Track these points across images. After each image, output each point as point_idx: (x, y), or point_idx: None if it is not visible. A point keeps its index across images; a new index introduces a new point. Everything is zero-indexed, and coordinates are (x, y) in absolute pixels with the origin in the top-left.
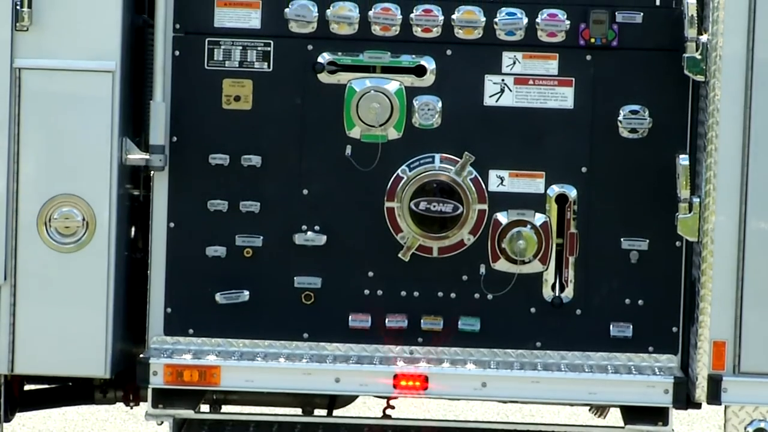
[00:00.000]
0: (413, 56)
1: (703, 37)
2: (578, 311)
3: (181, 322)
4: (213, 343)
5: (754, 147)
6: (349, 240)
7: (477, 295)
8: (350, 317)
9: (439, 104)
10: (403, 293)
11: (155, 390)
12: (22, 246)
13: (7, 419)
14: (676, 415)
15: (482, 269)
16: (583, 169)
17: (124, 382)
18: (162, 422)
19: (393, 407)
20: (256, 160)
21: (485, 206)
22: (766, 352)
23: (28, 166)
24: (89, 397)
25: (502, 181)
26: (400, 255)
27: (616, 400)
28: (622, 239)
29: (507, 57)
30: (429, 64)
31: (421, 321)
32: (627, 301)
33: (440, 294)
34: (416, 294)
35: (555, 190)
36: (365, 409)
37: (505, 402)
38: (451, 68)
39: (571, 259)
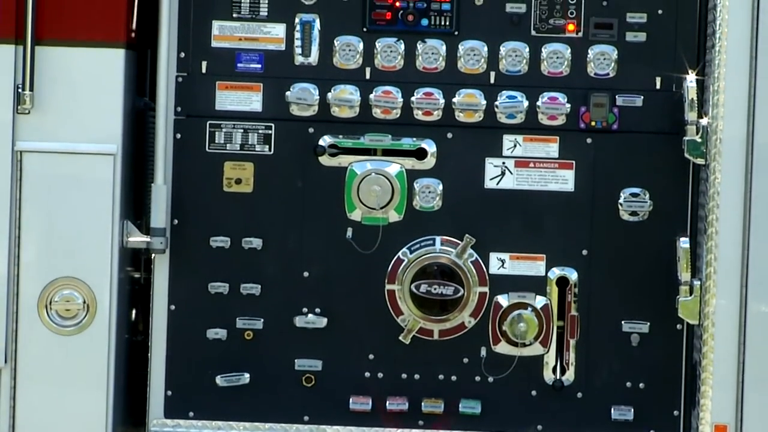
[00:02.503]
0: (414, 139)
1: (704, 121)
2: (579, 394)
3: (181, 405)
4: (214, 425)
5: (755, 230)
6: (350, 322)
7: (478, 378)
8: (351, 400)
9: (440, 187)
10: (404, 376)
11: None
12: (23, 329)
13: None
14: None
15: (483, 352)
16: (584, 252)
17: None
18: None
19: None
20: (257, 242)
21: (486, 289)
22: None
23: (29, 249)
24: None
25: (502, 263)
26: (400, 338)
27: None
28: (623, 322)
29: (508, 140)
30: (430, 146)
31: (422, 404)
32: (628, 384)
33: (441, 377)
34: (417, 377)
35: (556, 272)
36: None
37: None
38: (452, 151)
39: (572, 341)
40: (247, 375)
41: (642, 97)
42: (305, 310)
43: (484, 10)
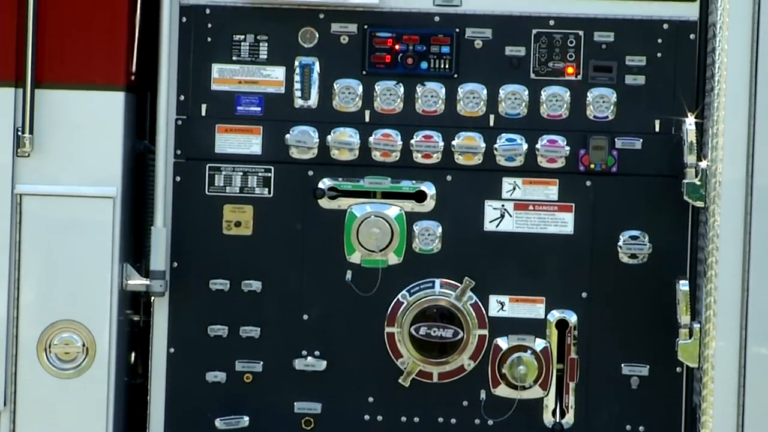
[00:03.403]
0: (413, 182)
1: (703, 163)
2: None
3: None
4: None
5: (754, 273)
6: (350, 365)
7: (477, 421)
8: None
9: (440, 229)
10: (404, 419)
11: None
12: (22, 371)
13: None
14: None
15: (483, 395)
16: (584, 295)
17: None
18: None
19: None
20: (256, 285)
21: (485, 331)
22: None
23: (28, 292)
24: None
25: (502, 306)
26: (400, 380)
27: None
28: (622, 365)
29: (507, 182)
30: (429, 189)
31: None
32: (628, 427)
33: (440, 419)
34: (416, 419)
35: (555, 315)
36: None
37: None
38: (451, 194)
39: (571, 384)
40: (246, 418)
41: (641, 139)
42: (305, 352)
43: (484, 53)
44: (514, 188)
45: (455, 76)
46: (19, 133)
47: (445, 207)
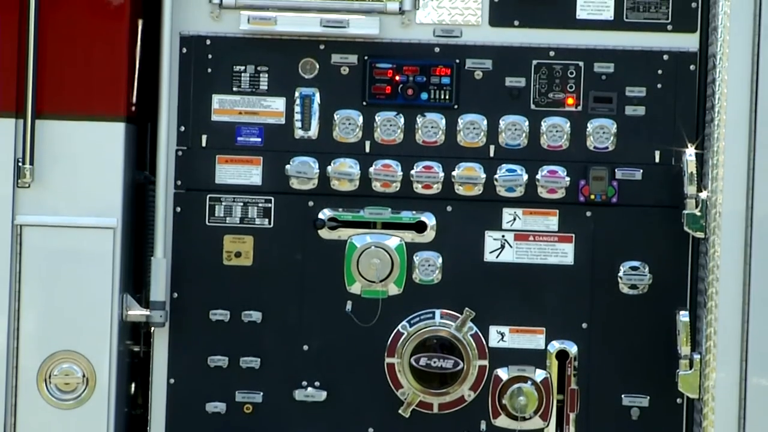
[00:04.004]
0: (414, 212)
1: (703, 194)
2: None
3: None
4: None
5: (755, 304)
6: (350, 396)
7: None
8: None
9: (440, 260)
10: None
11: None
12: (22, 402)
13: None
14: None
15: (483, 425)
16: (584, 325)
17: None
18: None
19: None
20: (256, 316)
21: (486, 362)
22: None
23: (28, 322)
24: None
25: (502, 336)
26: (400, 411)
27: None
28: (622, 395)
29: (507, 213)
30: (429, 220)
31: None
32: None
33: None
34: None
35: (555, 346)
36: None
37: None
38: (452, 224)
39: (572, 415)
40: None
41: (641, 170)
42: (305, 383)
43: (484, 84)
44: (515, 219)
45: (455, 106)
46: (20, 164)
47: (445, 238)
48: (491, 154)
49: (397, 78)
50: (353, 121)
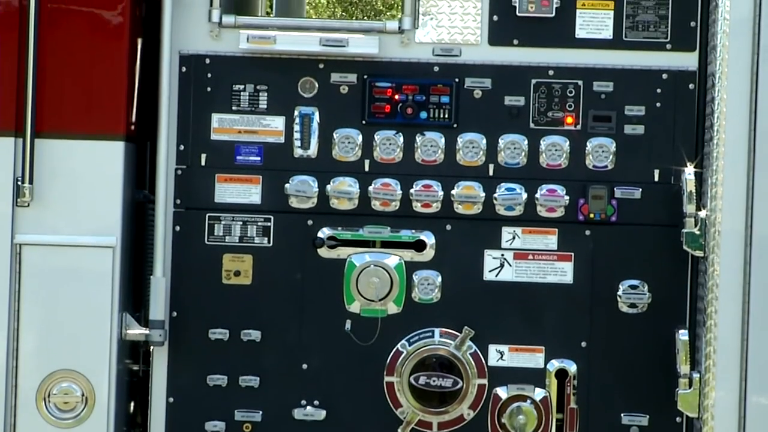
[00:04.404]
0: (413, 231)
1: (702, 213)
2: None
3: None
4: None
5: (754, 322)
6: (349, 415)
7: None
8: None
9: (439, 279)
10: None
11: None
12: (21, 421)
13: None
14: None
15: None
16: (583, 344)
17: None
18: None
19: None
20: (255, 334)
21: (485, 381)
22: None
23: (27, 341)
24: None
25: (501, 355)
26: (399, 430)
27: None
28: (622, 414)
29: (506, 232)
30: (429, 238)
31: None
32: None
33: None
34: None
35: (555, 364)
36: None
37: None
38: (451, 243)
39: None
40: None
41: (640, 189)
42: (304, 402)
43: (483, 103)
44: (514, 237)
45: (455, 125)
46: (19, 183)
47: (444, 256)
48: (490, 172)
49: (397, 97)
50: (352, 139)
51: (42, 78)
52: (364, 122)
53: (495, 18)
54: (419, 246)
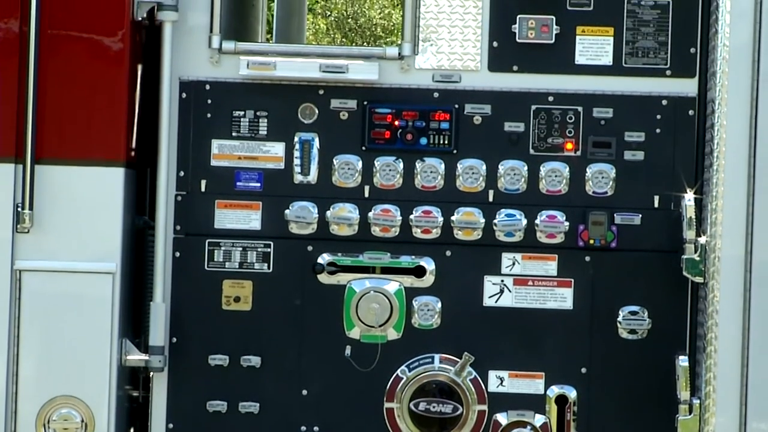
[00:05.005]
0: (413, 257)
1: (702, 239)
2: None
3: None
4: None
5: (754, 348)
6: None
7: None
8: None
9: (439, 305)
10: None
11: None
12: None
13: None
14: None
15: None
16: (583, 370)
17: None
18: None
19: None
20: (255, 360)
21: (485, 407)
22: None
23: (27, 367)
24: None
25: (501, 381)
26: None
27: None
28: None
29: (506, 258)
30: (428, 264)
31: None
32: None
33: None
34: None
35: (555, 390)
36: None
37: None
38: (451, 269)
39: None
40: None
41: (640, 215)
42: (304, 428)
43: (483, 129)
44: (514, 263)
45: (454, 151)
46: (19, 209)
47: (444, 282)
48: (490, 198)
49: (397, 123)
50: (352, 165)
51: (42, 104)
52: (364, 148)
53: (495, 44)
54: (419, 272)
